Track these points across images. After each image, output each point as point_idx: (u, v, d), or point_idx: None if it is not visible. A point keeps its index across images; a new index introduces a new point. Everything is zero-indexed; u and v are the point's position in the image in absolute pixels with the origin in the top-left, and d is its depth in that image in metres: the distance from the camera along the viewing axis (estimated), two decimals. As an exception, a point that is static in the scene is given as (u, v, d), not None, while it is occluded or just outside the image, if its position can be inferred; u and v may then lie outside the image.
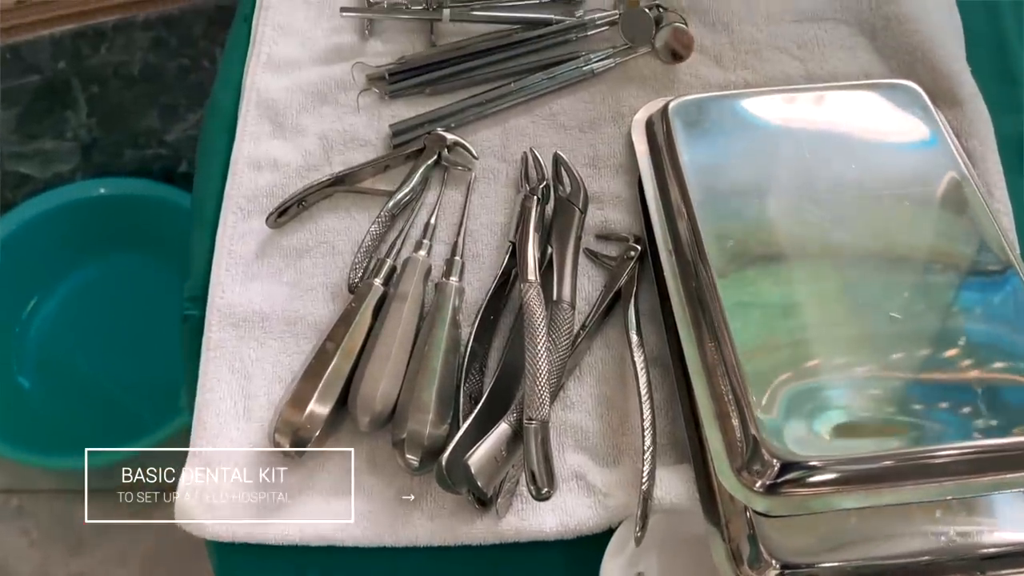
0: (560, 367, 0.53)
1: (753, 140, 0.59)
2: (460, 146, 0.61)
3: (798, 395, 0.48)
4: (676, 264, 0.55)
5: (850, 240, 0.54)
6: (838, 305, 0.51)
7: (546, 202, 0.59)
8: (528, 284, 0.54)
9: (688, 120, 0.59)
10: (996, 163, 0.60)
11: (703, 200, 0.55)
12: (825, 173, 0.56)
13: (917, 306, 0.51)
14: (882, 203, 0.55)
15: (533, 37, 0.65)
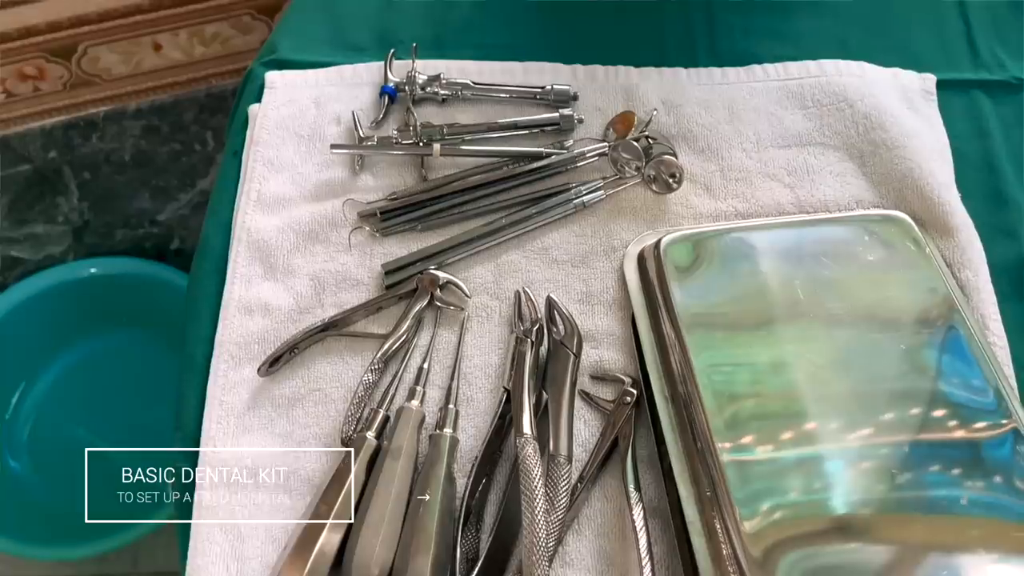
0: (559, 525, 0.52)
1: (746, 280, 0.59)
2: (453, 285, 0.61)
3: (802, 562, 0.47)
4: (672, 412, 0.55)
5: (848, 388, 0.53)
6: (839, 461, 0.51)
7: (540, 344, 0.59)
8: (524, 439, 0.53)
9: (680, 257, 0.60)
10: (990, 293, 0.60)
11: (698, 345, 0.55)
12: (818, 313, 0.57)
13: (916, 458, 0.51)
14: (876, 346, 0.55)
15: (523, 171, 0.65)
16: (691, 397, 0.53)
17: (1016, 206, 0.66)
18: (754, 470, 0.50)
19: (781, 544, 0.48)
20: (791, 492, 0.49)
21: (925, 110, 0.69)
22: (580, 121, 0.68)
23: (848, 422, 0.52)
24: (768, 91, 0.70)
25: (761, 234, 0.61)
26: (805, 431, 0.51)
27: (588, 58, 0.72)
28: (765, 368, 0.54)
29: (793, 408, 0.52)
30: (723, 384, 0.53)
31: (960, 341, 0.55)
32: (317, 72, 0.71)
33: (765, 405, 0.52)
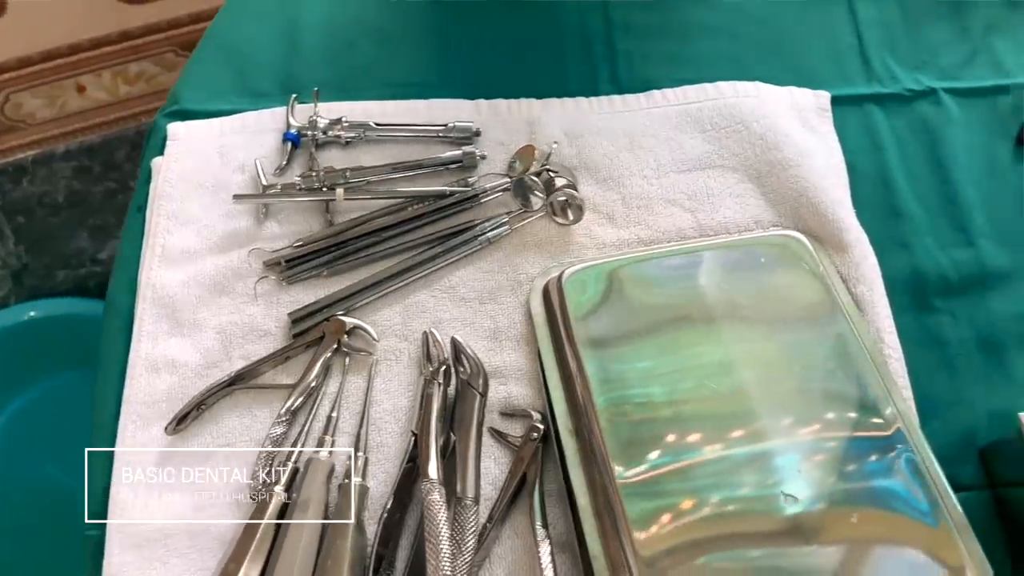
0: (467, 568, 0.53)
1: (644, 308, 0.60)
2: (360, 329, 0.62)
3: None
4: (577, 445, 0.55)
5: (743, 411, 0.54)
6: (741, 488, 0.51)
7: (448, 385, 0.59)
8: (429, 484, 0.54)
9: (581, 289, 0.60)
10: (885, 307, 0.62)
11: (598, 376, 0.56)
12: (715, 337, 0.58)
13: (808, 480, 0.52)
14: (769, 365, 0.56)
15: (428, 211, 0.66)
16: (591, 429, 0.54)
17: (910, 218, 0.68)
18: (651, 499, 0.51)
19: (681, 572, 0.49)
20: (687, 518, 0.50)
21: (820, 127, 0.70)
22: (483, 157, 0.68)
23: (744, 446, 0.53)
24: (667, 116, 0.71)
25: (659, 262, 0.62)
26: (701, 456, 0.52)
27: (492, 92, 0.72)
28: (663, 396, 0.55)
29: (689, 433, 0.53)
30: (621, 415, 0.54)
31: (848, 355, 0.57)
32: (221, 121, 0.71)
33: (662, 433, 0.53)
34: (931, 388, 0.61)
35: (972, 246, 0.67)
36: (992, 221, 0.68)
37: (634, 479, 0.52)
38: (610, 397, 0.55)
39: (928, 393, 0.61)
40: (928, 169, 0.70)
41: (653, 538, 0.50)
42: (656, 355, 0.57)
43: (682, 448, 0.53)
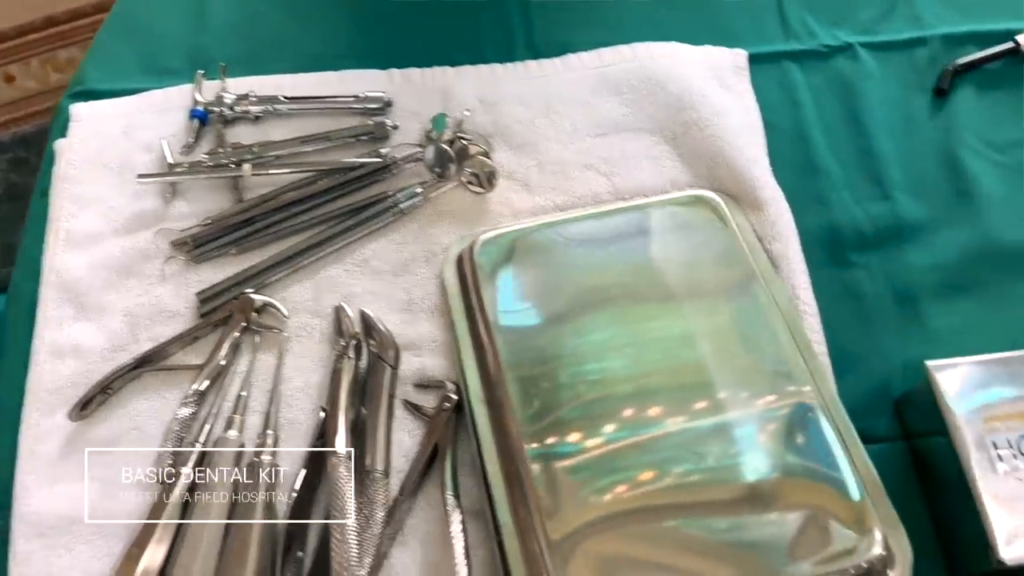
0: (376, 541, 0.52)
1: (555, 274, 0.59)
2: (270, 306, 0.61)
3: (604, 555, 0.48)
4: (488, 414, 0.55)
5: (653, 373, 0.54)
6: (644, 447, 0.51)
7: (359, 360, 0.58)
8: (336, 458, 0.53)
9: (492, 257, 0.60)
10: (800, 263, 0.62)
11: (508, 344, 0.55)
12: (626, 300, 0.57)
13: (717, 434, 0.51)
14: (681, 327, 0.56)
15: (339, 183, 0.64)
16: (502, 398, 0.54)
17: (827, 174, 0.68)
18: (560, 466, 0.51)
19: (589, 543, 0.48)
20: (594, 486, 0.50)
21: (737, 86, 0.70)
22: (394, 128, 0.67)
23: (653, 406, 0.53)
24: (584, 80, 0.70)
25: (571, 227, 0.61)
26: (609, 421, 0.52)
27: (405, 61, 0.71)
28: (572, 361, 0.55)
29: (599, 399, 0.53)
30: (531, 384, 0.54)
31: (760, 315, 0.56)
32: (127, 100, 0.69)
33: (571, 399, 0.53)
34: (847, 342, 0.61)
35: (888, 199, 0.66)
36: (908, 174, 0.67)
37: (542, 448, 0.51)
38: (520, 366, 0.54)
39: (844, 347, 0.60)
40: (845, 124, 0.70)
41: (560, 505, 0.49)
42: (565, 322, 0.56)
43: (590, 417, 0.52)
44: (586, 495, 0.50)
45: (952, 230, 0.65)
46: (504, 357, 0.55)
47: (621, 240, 0.60)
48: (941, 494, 0.56)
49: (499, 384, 0.54)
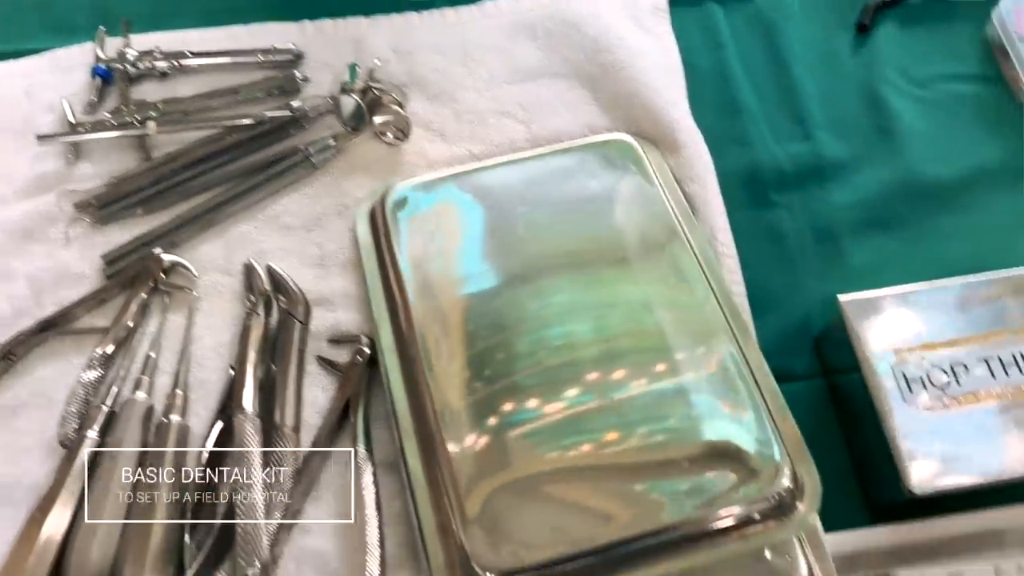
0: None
1: (467, 221, 0.58)
2: (179, 266, 0.59)
3: (511, 501, 0.47)
4: (400, 367, 0.54)
5: (567, 321, 0.53)
6: (554, 397, 0.50)
7: (269, 316, 0.57)
8: (242, 415, 0.52)
9: (405, 207, 0.59)
10: (719, 205, 0.61)
11: (418, 293, 0.54)
12: (538, 248, 0.56)
13: (629, 383, 0.51)
14: (595, 274, 0.55)
15: (248, 138, 0.63)
16: (413, 350, 0.53)
17: (749, 113, 0.67)
18: (471, 419, 0.50)
19: (495, 489, 0.48)
20: (503, 436, 0.49)
21: (656, 27, 0.69)
22: (305, 80, 0.66)
23: (561, 361, 0.51)
24: (501, 27, 0.68)
25: (484, 175, 0.60)
26: (518, 374, 0.51)
27: (318, 12, 0.69)
28: (485, 312, 0.54)
29: (508, 352, 0.52)
30: (442, 335, 0.53)
31: (675, 257, 0.55)
32: (28, 60, 0.67)
33: (481, 353, 0.52)
34: (767, 282, 0.61)
35: (810, 138, 0.66)
36: (830, 112, 0.67)
37: (453, 398, 0.50)
38: (431, 317, 0.53)
39: (764, 287, 0.60)
40: (767, 65, 0.69)
41: (469, 456, 0.49)
42: (477, 271, 0.55)
43: (500, 367, 0.51)
44: (496, 447, 0.49)
45: (873, 167, 0.65)
46: (415, 310, 0.54)
47: (535, 188, 0.59)
48: (857, 429, 0.56)
49: (411, 337, 0.53)
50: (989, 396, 0.52)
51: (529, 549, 0.46)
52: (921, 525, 0.52)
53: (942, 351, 0.53)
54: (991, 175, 0.64)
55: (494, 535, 0.46)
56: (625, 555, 0.46)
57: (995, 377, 0.52)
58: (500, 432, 0.49)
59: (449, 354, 0.52)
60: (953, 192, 0.63)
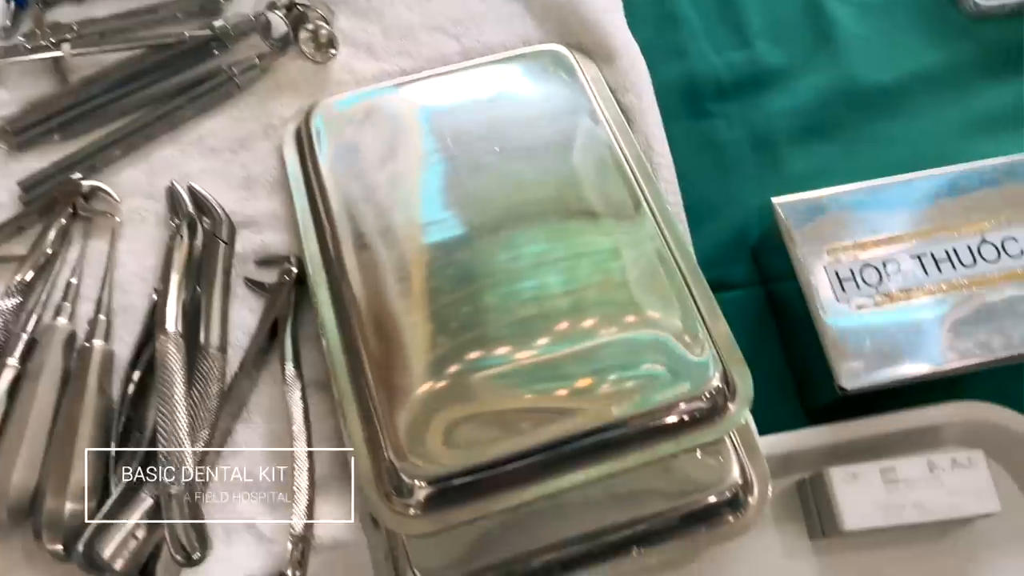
0: (211, 417, 0.50)
1: (395, 136, 0.56)
2: (100, 191, 0.57)
3: (438, 410, 0.46)
4: (328, 286, 0.53)
5: (492, 233, 0.51)
6: (478, 306, 0.49)
7: (193, 238, 0.56)
8: (164, 336, 0.51)
9: (331, 124, 0.57)
10: (655, 115, 0.60)
11: (344, 210, 0.53)
12: (468, 161, 0.54)
13: (555, 287, 0.49)
14: (524, 186, 0.54)
15: (168, 58, 0.61)
16: (341, 269, 0.51)
17: (686, 23, 0.65)
18: (395, 333, 0.48)
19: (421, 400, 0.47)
20: (430, 352, 0.48)
21: (591, -63, 0.66)
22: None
23: (496, 267, 0.50)
24: (431, -61, 0.66)
25: (411, 90, 0.58)
26: (449, 285, 0.49)
27: (240, -71, 0.66)
28: (413, 229, 0.52)
29: (437, 264, 0.50)
30: (369, 251, 0.51)
31: (607, 167, 0.54)
32: (-64, -15, 0.64)
33: (409, 266, 0.50)
34: (705, 192, 0.60)
35: (748, 47, 0.65)
36: (768, 20, 0.66)
37: (379, 314, 0.49)
38: (357, 233, 0.52)
39: (702, 197, 0.59)
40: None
41: (395, 367, 0.47)
42: (405, 186, 0.54)
43: (428, 280, 0.50)
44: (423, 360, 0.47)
45: (812, 74, 0.64)
46: (342, 229, 0.52)
47: (466, 102, 0.57)
48: (794, 333, 0.56)
49: (338, 256, 0.52)
50: (921, 293, 0.51)
51: (457, 456, 0.45)
52: (856, 424, 0.52)
53: (875, 250, 0.52)
54: (930, 80, 0.63)
55: (422, 444, 0.45)
56: (553, 458, 0.45)
57: (928, 274, 0.52)
58: (425, 341, 0.48)
59: (382, 277, 0.50)
60: (892, 98, 0.63)
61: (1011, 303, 0.51)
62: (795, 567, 0.52)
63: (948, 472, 0.49)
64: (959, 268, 0.52)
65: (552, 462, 0.45)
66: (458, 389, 0.46)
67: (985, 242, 0.52)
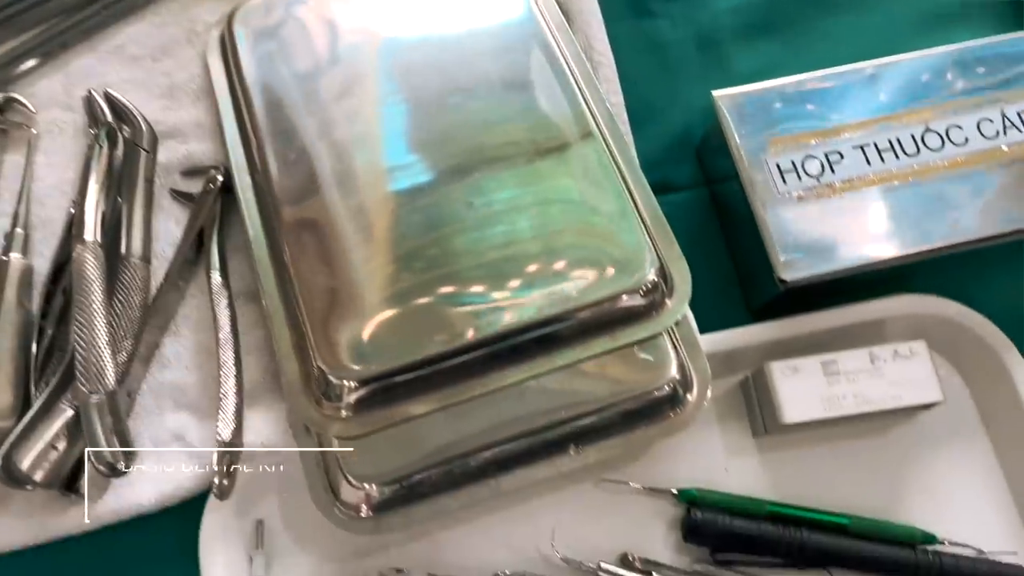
0: (135, 327, 0.48)
1: (323, 42, 0.53)
2: (14, 102, 0.55)
3: (366, 311, 0.44)
4: (254, 194, 0.50)
5: (428, 136, 0.49)
6: (402, 206, 0.47)
7: (113, 148, 0.53)
8: (82, 246, 0.48)
9: (254, 29, 0.54)
10: (595, 15, 0.58)
11: (269, 117, 0.50)
12: (398, 67, 0.52)
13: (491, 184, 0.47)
14: (460, 88, 0.51)
15: (82, -38, 0.57)
16: (267, 177, 0.49)
17: (629, -79, 0.63)
18: (324, 240, 0.46)
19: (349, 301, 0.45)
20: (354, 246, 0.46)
21: None
22: (143, -102, 0.60)
23: (428, 170, 0.48)
24: None
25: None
26: (372, 190, 0.47)
27: None
28: (340, 133, 0.49)
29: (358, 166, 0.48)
30: (293, 158, 0.49)
31: (543, 67, 0.51)
32: None
33: (333, 173, 0.48)
34: (649, 93, 0.58)
35: (692, -56, 0.62)
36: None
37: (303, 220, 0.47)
38: (282, 141, 0.49)
39: (645, 98, 0.58)
40: None
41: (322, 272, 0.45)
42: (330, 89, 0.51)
43: (351, 182, 0.48)
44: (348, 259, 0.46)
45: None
46: (264, 134, 0.50)
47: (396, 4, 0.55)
48: (737, 232, 0.55)
49: (263, 164, 0.49)
50: (864, 183, 0.50)
51: (385, 356, 0.43)
52: (799, 320, 0.51)
53: (817, 141, 0.51)
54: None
55: (349, 345, 0.44)
56: (485, 358, 0.44)
57: (871, 164, 0.50)
58: (350, 245, 0.46)
59: (305, 182, 0.48)
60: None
61: (955, 192, 0.50)
62: (739, 464, 0.51)
63: (890, 363, 0.48)
64: (902, 158, 0.50)
65: (484, 361, 0.44)
66: (385, 291, 0.45)
67: (929, 131, 0.51)
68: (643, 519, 0.50)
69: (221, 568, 0.46)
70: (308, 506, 0.46)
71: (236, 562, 0.47)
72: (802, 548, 0.48)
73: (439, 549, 0.49)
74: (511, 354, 0.44)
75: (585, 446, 0.47)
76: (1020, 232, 0.49)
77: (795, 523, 0.48)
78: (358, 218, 0.47)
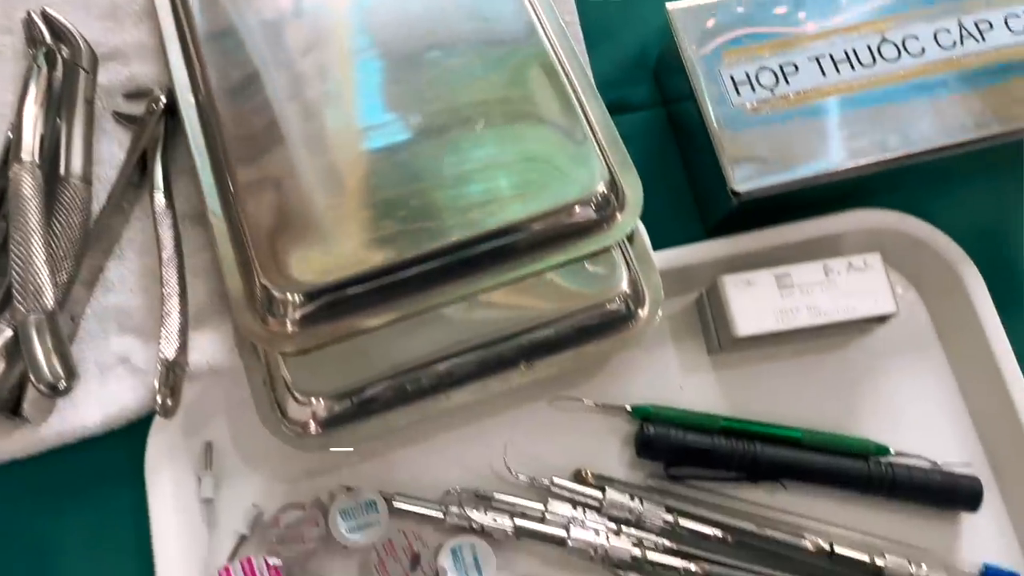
0: (76, 249, 0.47)
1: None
2: (-50, 25, 0.53)
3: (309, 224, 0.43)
4: (198, 117, 0.49)
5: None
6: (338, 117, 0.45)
7: (52, 68, 0.52)
8: (18, 166, 0.47)
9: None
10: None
11: (212, 38, 0.49)
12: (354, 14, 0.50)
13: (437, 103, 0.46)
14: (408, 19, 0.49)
15: None
16: (210, 97, 0.47)
17: None
18: (268, 159, 0.45)
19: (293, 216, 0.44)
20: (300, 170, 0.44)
21: None
22: None
23: (376, 72, 0.47)
24: None
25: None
26: (311, 102, 0.46)
27: None
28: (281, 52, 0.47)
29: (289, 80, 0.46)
30: (239, 79, 0.47)
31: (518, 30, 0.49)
32: None
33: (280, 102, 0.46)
34: (604, 13, 0.57)
35: None
36: None
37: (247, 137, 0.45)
38: (226, 62, 0.48)
39: (599, 19, 0.57)
40: None
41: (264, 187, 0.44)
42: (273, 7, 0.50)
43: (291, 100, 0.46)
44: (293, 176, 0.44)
45: None
46: (209, 57, 0.48)
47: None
48: (693, 150, 0.54)
49: (206, 84, 0.48)
50: (819, 94, 0.49)
51: (330, 269, 0.42)
52: (754, 236, 0.51)
53: (772, 52, 0.50)
54: None
55: (294, 260, 0.43)
56: (433, 271, 0.43)
57: (826, 75, 0.50)
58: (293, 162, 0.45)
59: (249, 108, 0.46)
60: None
61: (911, 102, 0.49)
62: (694, 382, 0.51)
63: (844, 275, 0.48)
64: (858, 69, 0.50)
65: (434, 275, 0.43)
66: (330, 205, 0.44)
67: (886, 41, 0.50)
68: (597, 436, 0.49)
69: (169, 488, 0.46)
70: (257, 426, 0.46)
71: (184, 483, 0.47)
72: (755, 461, 0.47)
73: (391, 468, 0.48)
74: (460, 267, 0.43)
75: (536, 361, 0.47)
76: (976, 142, 0.48)
77: (748, 437, 0.48)
78: (303, 134, 0.45)
